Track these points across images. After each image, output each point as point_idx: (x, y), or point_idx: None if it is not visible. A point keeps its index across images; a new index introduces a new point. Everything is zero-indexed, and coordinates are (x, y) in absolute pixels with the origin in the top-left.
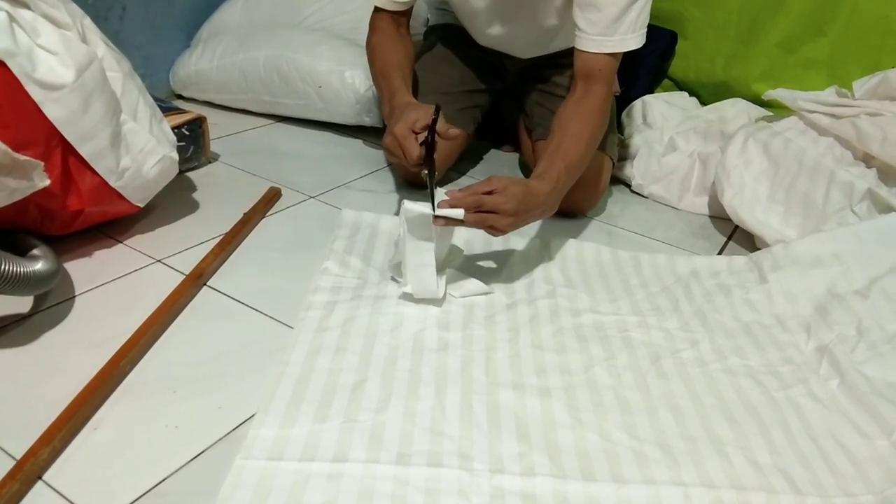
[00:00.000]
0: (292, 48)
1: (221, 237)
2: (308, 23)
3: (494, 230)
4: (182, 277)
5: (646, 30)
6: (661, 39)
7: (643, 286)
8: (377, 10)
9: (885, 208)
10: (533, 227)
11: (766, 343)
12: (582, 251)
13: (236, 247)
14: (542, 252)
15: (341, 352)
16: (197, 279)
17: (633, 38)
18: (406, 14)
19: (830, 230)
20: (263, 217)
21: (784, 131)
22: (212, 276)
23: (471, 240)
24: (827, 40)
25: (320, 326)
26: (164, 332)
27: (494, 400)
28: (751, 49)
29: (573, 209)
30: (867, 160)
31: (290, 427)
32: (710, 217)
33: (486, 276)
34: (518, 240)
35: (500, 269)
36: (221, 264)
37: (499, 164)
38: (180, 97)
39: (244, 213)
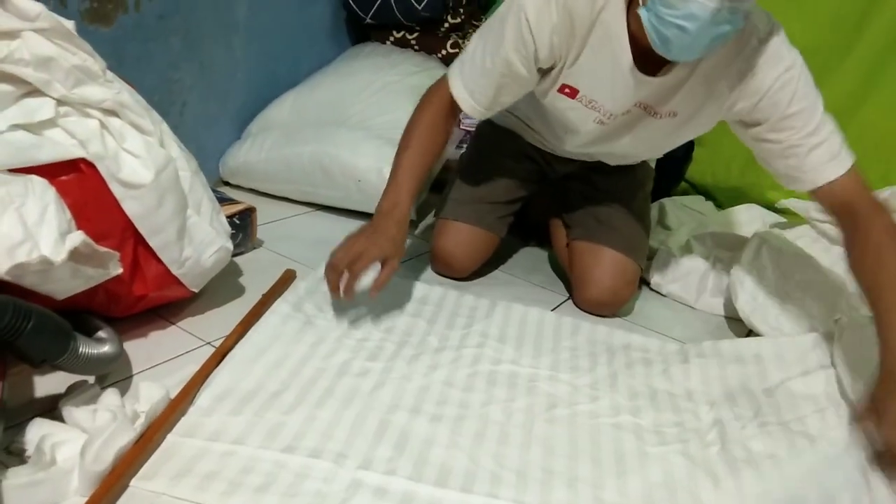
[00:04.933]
0: (336, 144)
1: (243, 318)
2: (351, 122)
3: None
4: None
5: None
6: (679, 147)
7: (572, 349)
8: (446, 90)
9: None
10: (491, 289)
11: (665, 407)
12: (527, 314)
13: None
14: (489, 311)
15: (276, 367)
16: (221, 357)
17: (848, 153)
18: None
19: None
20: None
21: (796, 239)
22: None
23: (427, 295)
24: None
25: (273, 334)
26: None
27: (389, 418)
28: None
29: (600, 311)
30: None
31: (207, 416)
32: (726, 318)
33: (430, 322)
34: (470, 297)
35: (444, 319)
36: None
37: (530, 259)
38: (227, 184)
39: (262, 295)
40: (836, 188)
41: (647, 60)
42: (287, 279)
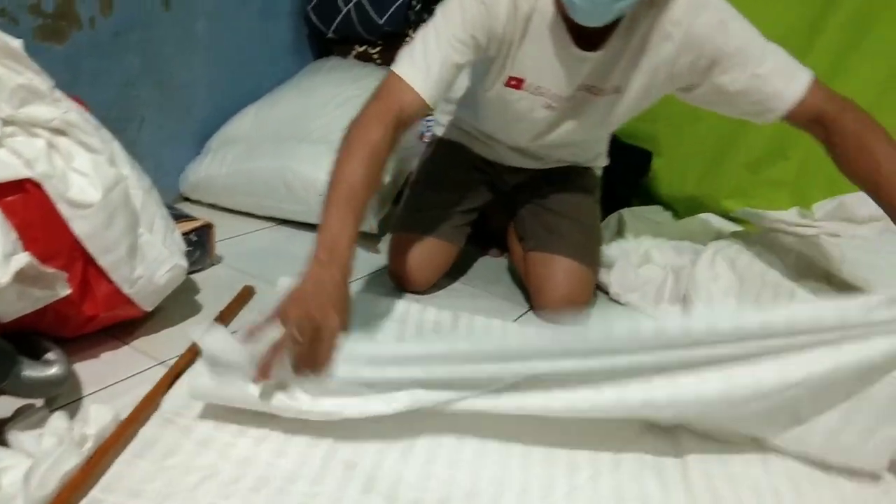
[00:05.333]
0: (297, 159)
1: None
2: (314, 136)
3: None
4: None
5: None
6: (636, 157)
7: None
8: (399, 86)
9: None
10: (452, 301)
11: None
12: (489, 325)
13: None
14: (453, 324)
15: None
16: (176, 378)
17: (804, 70)
18: (421, 113)
19: None
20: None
21: (750, 247)
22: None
23: (389, 311)
24: (791, 163)
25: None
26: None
27: None
28: (720, 168)
29: (559, 319)
30: (828, 278)
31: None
32: None
33: (397, 339)
34: (433, 311)
35: (410, 336)
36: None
37: (490, 270)
38: (188, 199)
39: (219, 312)
40: (805, 105)
41: (585, 39)
42: (245, 296)
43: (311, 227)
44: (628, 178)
